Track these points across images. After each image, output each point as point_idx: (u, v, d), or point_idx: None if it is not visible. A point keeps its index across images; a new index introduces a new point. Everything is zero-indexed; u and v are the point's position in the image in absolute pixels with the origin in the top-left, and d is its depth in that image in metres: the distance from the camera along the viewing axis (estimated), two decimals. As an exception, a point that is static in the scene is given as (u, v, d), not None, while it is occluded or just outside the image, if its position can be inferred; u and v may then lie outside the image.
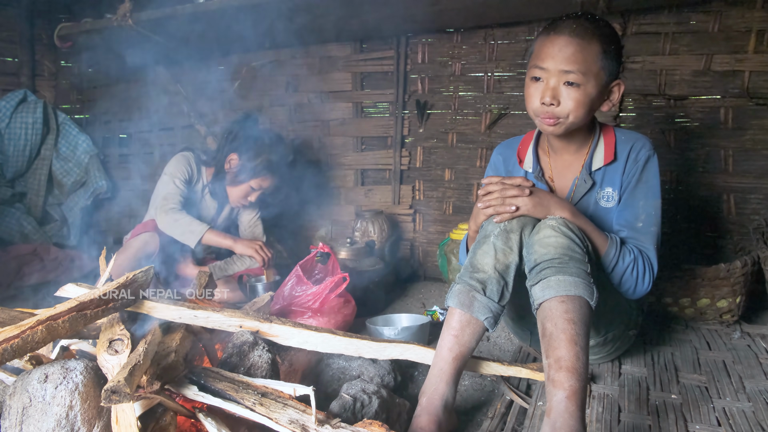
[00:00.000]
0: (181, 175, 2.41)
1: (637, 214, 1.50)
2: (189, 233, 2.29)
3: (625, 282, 1.45)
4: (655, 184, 1.52)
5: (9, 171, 3.15)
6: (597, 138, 1.57)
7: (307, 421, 1.00)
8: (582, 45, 1.40)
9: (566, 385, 1.10)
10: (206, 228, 2.31)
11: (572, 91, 1.42)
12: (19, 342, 0.94)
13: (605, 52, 1.41)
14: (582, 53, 1.40)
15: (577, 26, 1.41)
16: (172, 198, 2.34)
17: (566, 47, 1.40)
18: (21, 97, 3.15)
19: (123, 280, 1.17)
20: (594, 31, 1.41)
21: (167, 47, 2.85)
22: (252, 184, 2.46)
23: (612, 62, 1.44)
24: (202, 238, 2.30)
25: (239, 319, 1.31)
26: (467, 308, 1.31)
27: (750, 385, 1.51)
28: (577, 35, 1.40)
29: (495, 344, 1.91)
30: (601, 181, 1.56)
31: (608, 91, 1.48)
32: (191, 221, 2.31)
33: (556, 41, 1.42)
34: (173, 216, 2.31)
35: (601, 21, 1.45)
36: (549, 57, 1.42)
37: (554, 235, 1.29)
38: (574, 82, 1.41)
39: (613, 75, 1.46)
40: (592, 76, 1.41)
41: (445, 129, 2.83)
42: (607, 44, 1.41)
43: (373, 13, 2.42)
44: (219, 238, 2.34)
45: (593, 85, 1.42)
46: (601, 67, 1.42)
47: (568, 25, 1.42)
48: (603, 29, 1.43)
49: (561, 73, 1.41)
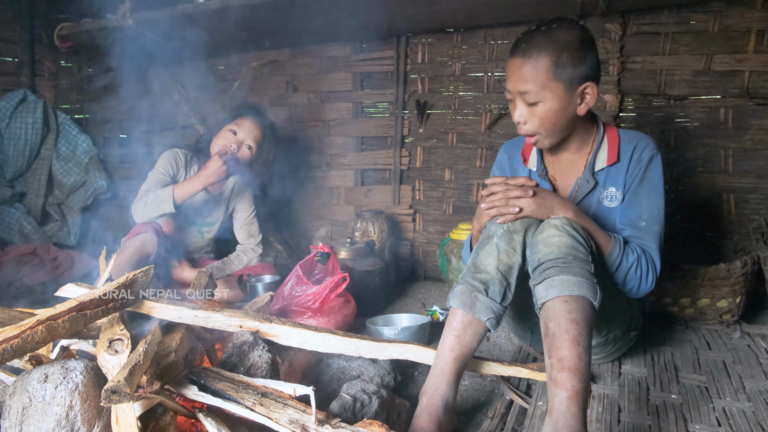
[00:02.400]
0: (162, 168, 2.39)
1: (640, 213, 1.51)
2: (162, 203, 2.24)
3: (629, 281, 1.45)
4: (658, 184, 1.52)
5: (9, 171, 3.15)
6: (601, 138, 1.57)
7: (307, 421, 1.00)
8: (530, 63, 1.41)
9: (568, 386, 1.10)
10: (171, 187, 2.25)
11: (533, 109, 1.46)
12: (19, 342, 0.94)
13: (556, 63, 1.40)
14: (532, 71, 1.41)
15: (527, 44, 1.42)
16: (145, 191, 2.32)
17: (518, 68, 1.44)
18: (21, 97, 3.15)
19: (123, 280, 1.17)
20: (544, 45, 1.40)
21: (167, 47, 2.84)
22: (231, 126, 2.40)
23: (571, 69, 1.41)
24: (175, 196, 2.23)
25: (239, 319, 1.31)
26: (469, 309, 1.31)
27: (750, 385, 1.51)
28: (525, 54, 1.42)
29: (495, 344, 1.91)
30: (604, 181, 1.57)
31: (580, 94, 1.46)
32: (156, 193, 2.26)
33: (511, 63, 1.46)
34: (141, 203, 2.27)
35: (559, 30, 1.42)
36: (508, 79, 1.48)
37: (558, 235, 1.29)
38: (531, 101, 1.45)
39: (578, 80, 1.43)
40: (548, 91, 1.42)
41: (445, 129, 2.83)
42: (557, 55, 1.40)
43: (373, 13, 2.42)
44: (187, 185, 2.26)
45: (552, 98, 1.43)
46: (554, 78, 1.41)
47: (520, 44, 1.44)
48: (556, 39, 1.40)
49: (519, 93, 1.46)
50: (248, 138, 2.42)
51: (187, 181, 2.29)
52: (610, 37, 2.46)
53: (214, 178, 2.27)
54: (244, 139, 2.41)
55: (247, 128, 2.42)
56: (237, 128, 2.41)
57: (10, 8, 3.20)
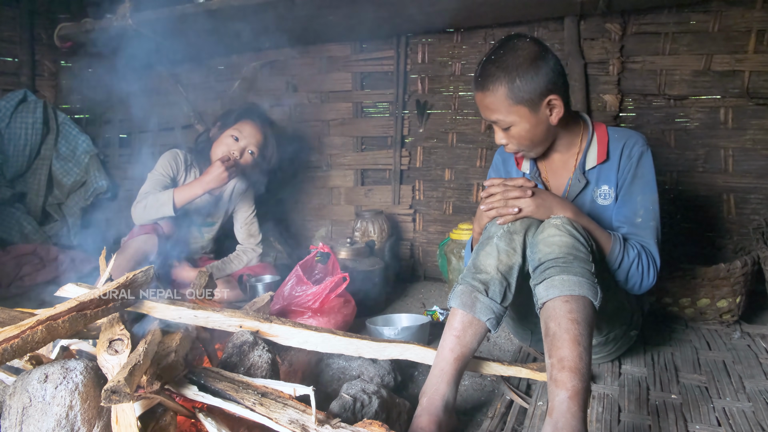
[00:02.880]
0: (162, 169, 2.39)
1: (635, 209, 1.51)
2: (162, 206, 2.24)
3: (631, 278, 1.46)
4: (650, 179, 1.53)
5: (9, 171, 3.15)
6: (590, 137, 1.58)
7: (307, 421, 1.00)
8: (489, 96, 1.45)
9: (569, 386, 1.10)
10: (171, 191, 2.25)
11: (509, 132, 1.51)
12: (19, 342, 0.94)
13: (512, 89, 1.42)
14: (493, 102, 1.46)
15: (482, 77, 1.45)
16: (145, 193, 2.32)
17: (481, 101, 1.49)
18: (21, 97, 3.15)
19: (123, 280, 1.17)
20: (496, 75, 1.43)
21: (167, 47, 2.85)
22: (232, 132, 2.39)
23: (527, 89, 1.42)
24: (175, 200, 2.23)
25: (239, 319, 1.31)
26: (469, 309, 1.31)
27: (750, 385, 1.51)
28: (483, 87, 1.46)
29: (495, 344, 1.91)
30: (596, 180, 1.57)
31: (546, 107, 1.46)
32: (156, 196, 2.26)
33: (476, 96, 1.52)
34: (141, 205, 2.27)
35: (507, 55, 1.43)
36: (480, 110, 1.53)
37: (559, 234, 1.29)
38: (503, 126, 1.50)
39: (539, 96, 1.43)
40: (514, 115, 1.46)
41: (445, 129, 2.83)
42: (510, 81, 1.41)
43: (373, 13, 2.42)
44: (187, 189, 2.27)
45: (520, 120, 1.47)
46: (515, 103, 1.44)
47: (477, 78, 1.48)
48: (506, 66, 1.41)
49: (491, 121, 1.51)
50: (250, 144, 2.41)
51: (188, 185, 2.29)
52: (610, 37, 2.46)
53: (215, 184, 2.27)
54: (246, 145, 2.40)
55: (249, 133, 2.41)
56: (239, 134, 2.39)
57: (10, 8, 3.20)
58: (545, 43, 1.49)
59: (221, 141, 2.40)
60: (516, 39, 1.46)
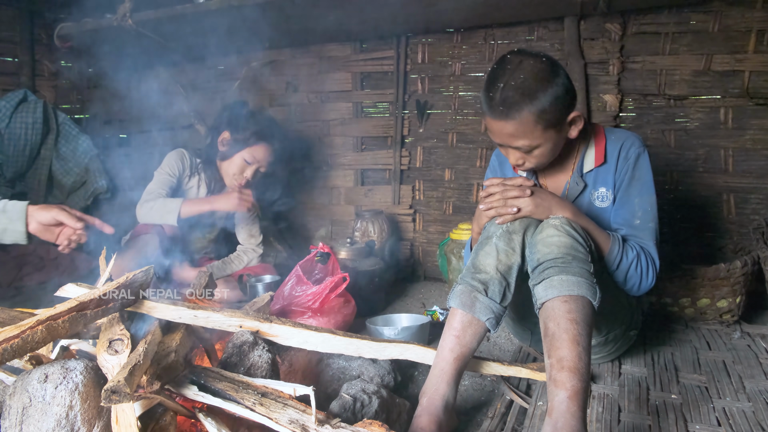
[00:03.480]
0: (169, 168, 2.39)
1: (633, 211, 1.51)
2: (167, 213, 2.24)
3: (629, 279, 1.45)
4: (648, 180, 1.52)
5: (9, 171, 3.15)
6: (588, 140, 1.57)
7: (307, 421, 1.00)
8: (514, 124, 1.38)
9: (568, 386, 1.10)
10: (180, 201, 2.25)
11: (529, 154, 1.45)
12: (19, 342, 0.94)
13: (540, 115, 1.36)
14: (519, 129, 1.38)
15: (504, 106, 1.36)
16: (151, 192, 2.31)
17: (502, 128, 1.40)
18: (21, 97, 3.15)
19: (123, 280, 1.17)
20: (520, 102, 1.34)
21: (167, 47, 2.85)
22: (245, 155, 2.37)
23: (555, 112, 1.38)
24: (181, 211, 2.23)
25: (239, 319, 1.31)
26: (469, 309, 1.31)
27: (750, 385, 1.51)
28: (506, 116, 1.37)
29: (495, 344, 1.91)
30: (594, 182, 1.57)
31: (569, 123, 1.45)
32: (164, 201, 2.26)
33: (493, 123, 1.42)
34: (147, 206, 2.27)
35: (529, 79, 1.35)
36: (495, 135, 1.45)
37: (557, 235, 1.29)
38: (526, 150, 1.44)
39: (565, 115, 1.41)
40: (540, 139, 1.41)
41: (445, 129, 2.83)
42: (538, 107, 1.35)
43: (373, 13, 2.42)
44: (196, 205, 2.27)
45: (545, 141, 1.42)
46: (544, 128, 1.39)
47: (495, 105, 1.37)
48: (530, 92, 1.34)
49: (511, 147, 1.45)
50: (262, 165, 2.43)
51: (198, 201, 2.30)
52: (610, 37, 2.46)
53: (227, 209, 2.28)
54: (259, 167, 2.42)
55: (262, 156, 2.41)
56: (252, 158, 2.38)
57: (10, 8, 3.20)
58: (553, 57, 1.44)
59: (233, 161, 2.39)
60: (526, 57, 1.38)
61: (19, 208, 1.67)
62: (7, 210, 1.66)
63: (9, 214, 1.66)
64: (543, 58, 1.39)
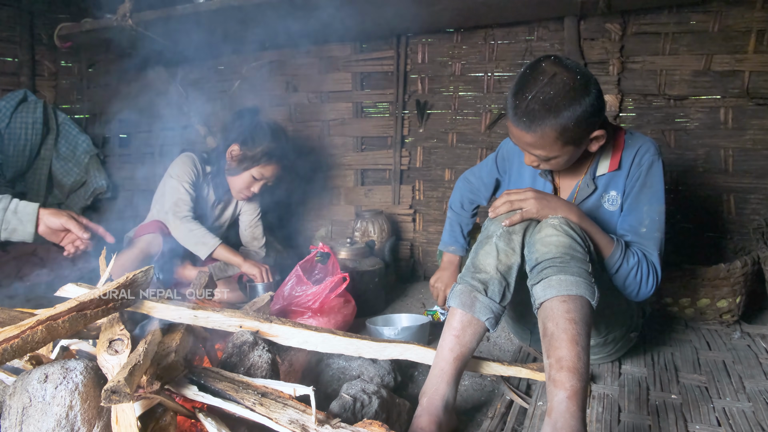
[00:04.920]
0: (188, 177, 2.39)
1: (641, 219, 1.50)
2: (202, 245, 2.30)
3: (629, 285, 1.45)
4: (659, 189, 1.51)
5: (9, 171, 3.15)
6: (607, 146, 1.54)
7: (307, 421, 1.00)
8: (536, 136, 1.37)
9: (567, 385, 1.10)
10: (219, 242, 2.31)
11: (546, 161, 1.46)
12: (19, 342, 0.94)
13: (563, 130, 1.34)
14: (539, 142, 1.38)
15: (527, 118, 1.35)
16: (183, 204, 2.33)
17: (523, 137, 1.41)
18: (21, 97, 3.15)
19: (123, 280, 1.17)
20: (544, 117, 1.33)
21: (167, 47, 2.85)
22: (253, 172, 2.41)
23: (578, 130, 1.36)
24: (215, 252, 2.30)
25: (239, 319, 1.31)
26: (469, 308, 1.31)
27: (750, 385, 1.51)
28: (529, 128, 1.36)
29: (495, 344, 1.91)
30: (606, 186, 1.56)
31: (590, 141, 1.44)
32: (205, 234, 2.31)
33: (514, 129, 1.42)
34: (188, 226, 2.31)
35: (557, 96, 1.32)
36: (514, 139, 1.46)
37: (556, 234, 1.29)
38: (543, 159, 1.44)
39: (587, 132, 1.40)
40: (556, 151, 1.41)
41: (445, 129, 2.83)
42: (561, 125, 1.33)
43: (373, 13, 2.42)
44: (230, 254, 2.33)
45: (563, 154, 1.42)
46: (563, 144, 1.38)
47: (519, 115, 1.36)
48: (556, 108, 1.32)
49: (528, 153, 1.45)
50: (270, 178, 2.47)
51: (233, 256, 2.33)
52: (610, 37, 2.46)
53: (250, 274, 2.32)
54: (267, 179, 2.46)
55: (270, 174, 2.45)
56: (260, 175, 2.43)
57: (10, 8, 3.20)
58: (587, 71, 1.41)
59: (242, 178, 2.43)
60: (559, 68, 1.34)
61: (31, 210, 1.71)
62: (18, 211, 1.70)
63: (20, 215, 1.70)
64: (578, 75, 1.35)
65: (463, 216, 1.93)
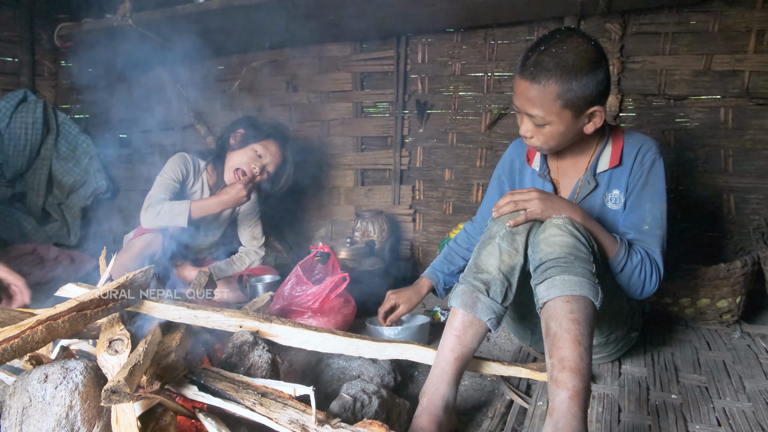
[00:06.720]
0: (172, 173, 2.37)
1: (643, 216, 1.50)
2: (176, 216, 2.22)
3: (633, 283, 1.45)
4: (660, 188, 1.51)
5: (9, 171, 3.15)
6: (605, 141, 1.56)
7: (307, 421, 1.00)
8: (538, 89, 1.37)
9: (569, 386, 1.10)
10: (188, 202, 2.24)
11: (540, 129, 1.45)
12: (19, 342, 0.94)
13: (565, 91, 1.35)
14: (540, 97, 1.38)
15: (535, 68, 1.36)
16: (154, 195, 2.29)
17: (525, 90, 1.40)
18: (21, 97, 3.15)
19: (123, 280, 1.17)
20: (552, 71, 1.34)
21: (167, 47, 2.84)
22: (257, 147, 2.38)
23: (580, 95, 1.36)
24: (191, 212, 2.23)
25: (239, 319, 1.31)
26: (470, 309, 1.31)
27: (750, 385, 1.51)
28: (533, 78, 1.37)
29: (495, 344, 1.91)
30: (607, 183, 1.56)
31: (588, 116, 1.44)
32: (171, 204, 2.24)
33: (518, 83, 1.42)
34: (153, 210, 2.24)
35: (568, 52, 1.35)
36: (516, 97, 1.45)
37: (560, 234, 1.29)
38: (538, 123, 1.44)
39: (586, 105, 1.40)
40: (554, 116, 1.40)
41: (445, 129, 2.83)
42: (566, 82, 1.34)
43: (373, 13, 2.42)
44: (205, 205, 2.26)
45: (559, 122, 1.42)
46: (563, 106, 1.38)
47: (528, 65, 1.38)
48: (565, 65, 1.34)
49: (526, 113, 1.44)
50: (271, 164, 2.42)
51: (206, 201, 2.28)
52: (610, 37, 2.46)
53: (234, 204, 2.27)
54: (268, 163, 2.41)
55: (273, 153, 2.41)
56: (263, 151, 2.39)
57: (10, 8, 3.20)
58: (604, 49, 1.43)
59: (244, 152, 2.39)
60: (578, 36, 1.38)
61: None
62: None
63: None
64: (595, 48, 1.38)
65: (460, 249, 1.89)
